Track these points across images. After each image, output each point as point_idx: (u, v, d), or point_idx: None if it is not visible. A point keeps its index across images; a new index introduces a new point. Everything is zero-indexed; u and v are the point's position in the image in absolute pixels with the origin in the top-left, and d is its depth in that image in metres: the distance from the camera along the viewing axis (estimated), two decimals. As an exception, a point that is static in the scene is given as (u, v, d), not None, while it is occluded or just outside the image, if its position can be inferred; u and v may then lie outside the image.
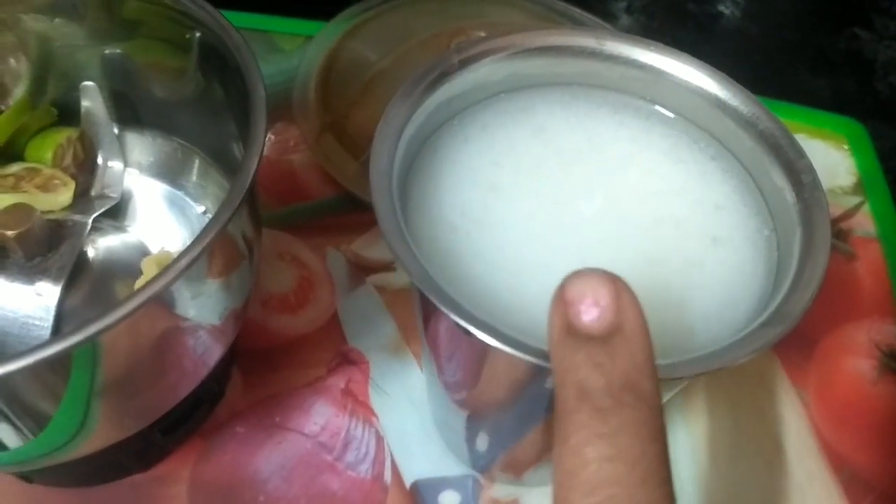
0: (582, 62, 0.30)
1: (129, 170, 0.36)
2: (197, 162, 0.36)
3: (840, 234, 0.44)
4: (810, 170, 0.27)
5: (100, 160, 0.35)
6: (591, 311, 0.20)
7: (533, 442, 0.31)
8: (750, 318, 0.25)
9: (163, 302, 0.25)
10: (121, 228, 0.35)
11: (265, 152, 0.44)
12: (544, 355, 0.22)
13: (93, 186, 0.35)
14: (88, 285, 0.32)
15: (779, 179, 0.27)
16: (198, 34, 0.31)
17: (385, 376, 0.38)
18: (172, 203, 0.36)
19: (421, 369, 0.38)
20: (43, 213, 0.32)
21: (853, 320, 0.41)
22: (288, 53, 0.49)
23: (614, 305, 0.20)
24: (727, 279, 0.27)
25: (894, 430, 0.38)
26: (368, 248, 0.42)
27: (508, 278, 0.26)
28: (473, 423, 0.32)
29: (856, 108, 0.51)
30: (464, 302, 0.23)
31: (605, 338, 0.20)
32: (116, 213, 0.36)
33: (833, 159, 0.48)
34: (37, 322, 0.30)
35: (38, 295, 0.31)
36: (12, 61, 0.35)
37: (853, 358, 0.40)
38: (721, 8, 0.56)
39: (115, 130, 0.36)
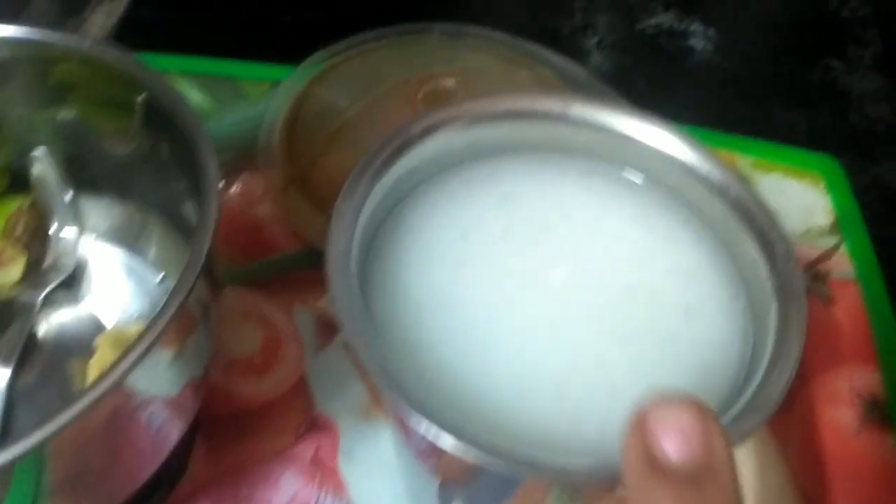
0: (548, 127, 0.29)
1: (85, 236, 0.35)
2: (154, 226, 0.35)
3: (818, 276, 0.44)
4: (784, 240, 0.26)
5: (53, 228, 0.34)
6: (678, 445, 0.18)
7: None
8: (726, 399, 0.24)
9: (115, 392, 0.24)
10: (75, 300, 0.34)
11: (231, 203, 0.43)
12: (513, 459, 0.21)
13: (46, 256, 0.34)
14: (40, 365, 0.31)
15: (752, 250, 0.26)
16: (140, 96, 0.29)
17: (356, 442, 0.37)
18: (130, 271, 0.35)
19: (393, 436, 0.37)
20: (-8, 290, 0.31)
21: (833, 368, 0.40)
22: (254, 100, 0.48)
23: (704, 441, 0.18)
24: (702, 354, 0.26)
25: (879, 484, 0.37)
26: (337, 304, 0.41)
27: (477, 362, 0.25)
28: (446, 491, 0.31)
29: (831, 141, 0.51)
30: (429, 391, 0.22)
31: (694, 478, 0.17)
32: (71, 283, 0.34)
33: (809, 198, 0.47)
34: None
35: None
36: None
37: (835, 408, 0.39)
38: (693, 42, 0.56)
39: (69, 196, 0.34)
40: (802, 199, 0.47)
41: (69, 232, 0.34)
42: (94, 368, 0.31)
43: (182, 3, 0.56)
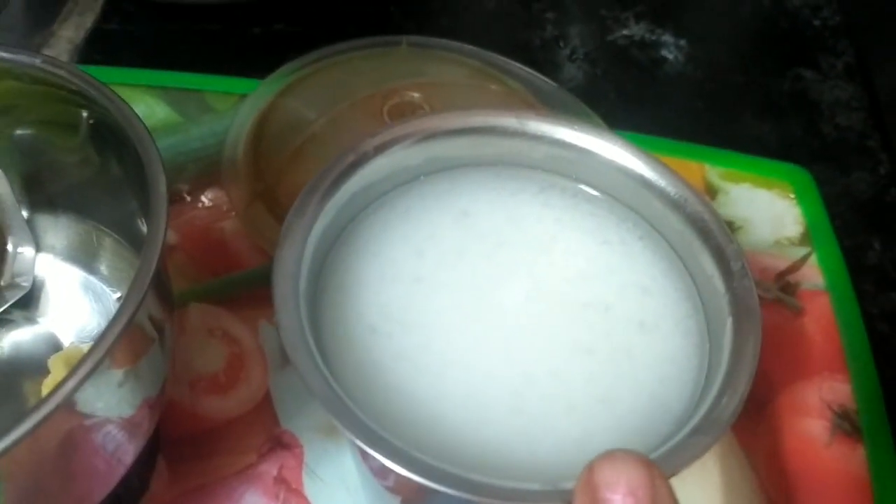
0: (505, 142, 0.29)
1: (42, 255, 0.35)
2: (110, 244, 0.34)
3: (787, 287, 0.43)
4: (739, 256, 0.26)
5: (9, 247, 0.34)
6: (627, 502, 0.18)
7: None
8: (682, 413, 0.24)
9: (63, 411, 0.23)
10: (31, 319, 0.33)
11: (195, 219, 0.43)
12: (464, 483, 0.21)
13: (2, 275, 0.33)
14: None
15: (708, 266, 0.26)
16: (85, 112, 0.29)
17: (320, 460, 0.36)
18: (87, 289, 0.34)
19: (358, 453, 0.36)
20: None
21: (803, 378, 0.40)
22: (221, 113, 0.48)
23: (652, 497, 0.18)
24: (658, 370, 0.26)
25: (849, 495, 0.37)
26: (303, 320, 0.40)
27: (433, 381, 0.25)
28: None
29: (802, 151, 0.51)
30: (382, 413, 0.22)
31: None
32: (28, 303, 0.34)
33: (779, 209, 0.47)
34: None
35: None
36: None
37: (804, 419, 0.39)
38: (665, 53, 0.56)
39: (25, 214, 0.34)
40: (772, 209, 0.47)
41: (25, 250, 0.34)
42: (46, 388, 0.30)
43: (151, 16, 0.56)
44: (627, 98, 0.53)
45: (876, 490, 0.36)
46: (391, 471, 0.27)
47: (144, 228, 0.30)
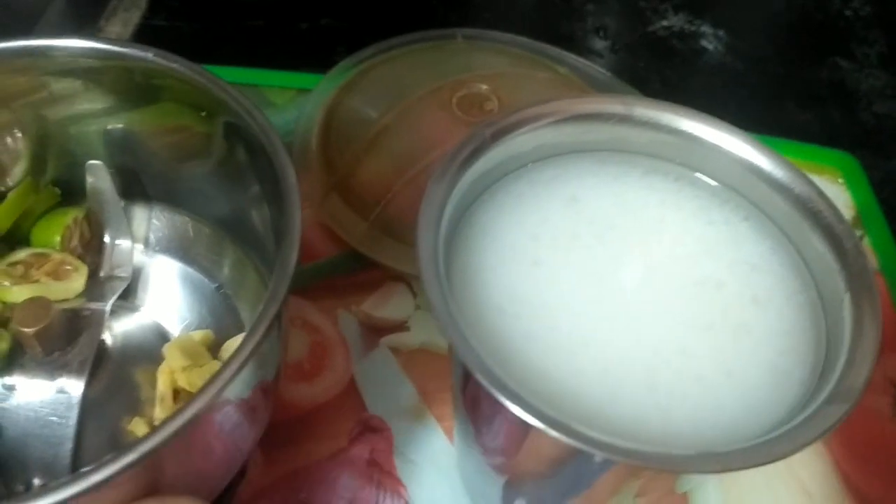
0: (611, 128, 0.30)
1: (139, 246, 0.35)
2: (207, 235, 0.35)
3: (843, 269, 0.45)
4: (851, 235, 0.27)
5: (107, 239, 0.34)
6: None
7: (571, 511, 0.31)
8: (805, 387, 0.25)
9: (215, 404, 0.24)
10: (134, 309, 0.34)
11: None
12: (612, 449, 0.22)
13: (101, 267, 0.34)
14: (108, 375, 0.31)
15: (819, 244, 0.27)
16: (223, 116, 0.30)
17: (409, 443, 0.37)
18: (184, 279, 0.35)
19: (444, 434, 0.37)
20: (57, 302, 0.31)
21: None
22: (280, 107, 0.49)
23: None
24: (776, 343, 0.27)
25: (916, 468, 0.38)
26: (379, 308, 0.41)
27: (566, 360, 0.26)
28: (510, 490, 0.32)
29: (844, 139, 0.52)
30: (521, 389, 0.23)
31: None
32: (127, 293, 0.34)
33: (830, 194, 0.48)
34: (59, 420, 0.29)
35: (60, 392, 0.29)
36: (9, 140, 0.33)
37: (869, 395, 0.40)
38: (705, 44, 0.57)
39: (122, 206, 0.35)
40: (822, 194, 0.48)
41: (123, 242, 0.34)
42: (163, 374, 0.31)
43: (196, 12, 0.56)
44: (670, 87, 0.55)
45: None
46: (508, 449, 0.28)
47: (254, 220, 0.31)
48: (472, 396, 0.28)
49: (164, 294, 0.35)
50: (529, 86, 0.46)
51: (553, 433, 0.22)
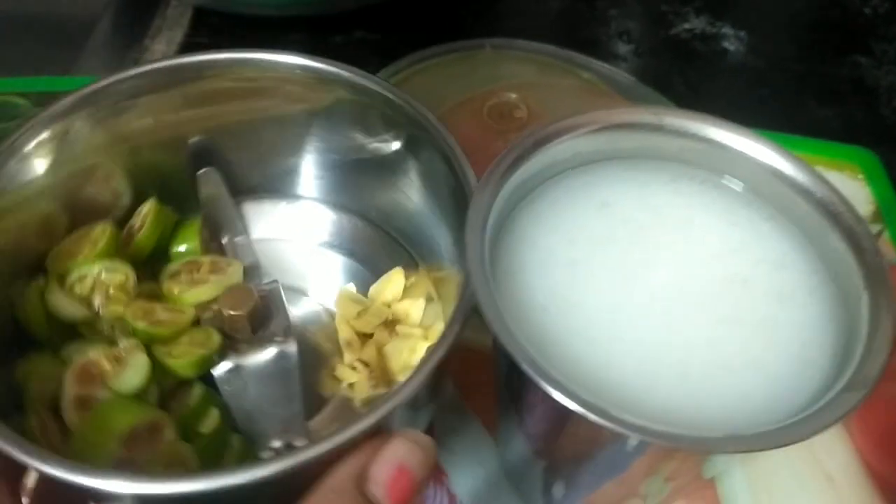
0: (642, 137, 0.32)
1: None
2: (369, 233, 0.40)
3: (864, 262, 0.46)
4: (870, 236, 0.29)
5: (225, 240, 0.37)
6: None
7: (609, 493, 0.33)
8: (827, 376, 0.27)
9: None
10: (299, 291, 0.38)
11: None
12: (643, 430, 0.24)
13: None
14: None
15: (838, 244, 0.29)
16: (409, 131, 0.35)
17: (448, 436, 0.39)
18: (345, 270, 0.39)
19: (482, 426, 0.39)
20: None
21: (887, 346, 0.43)
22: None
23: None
24: (800, 335, 0.29)
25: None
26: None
27: (603, 354, 0.28)
28: (551, 473, 0.34)
29: (864, 135, 0.53)
30: (563, 379, 0.25)
31: None
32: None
33: (850, 190, 0.50)
34: (286, 382, 0.32)
35: (279, 357, 0.32)
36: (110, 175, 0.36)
37: (890, 383, 0.42)
38: (726, 45, 0.59)
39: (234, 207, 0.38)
40: (843, 190, 0.49)
41: (241, 239, 0.37)
42: (341, 324, 0.35)
43: (237, 28, 0.59)
44: (694, 89, 0.56)
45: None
46: (551, 434, 0.31)
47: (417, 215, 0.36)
48: (516, 387, 0.30)
49: (324, 280, 0.38)
50: (557, 93, 0.48)
51: (592, 417, 0.24)
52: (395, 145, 0.36)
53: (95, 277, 0.32)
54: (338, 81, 0.35)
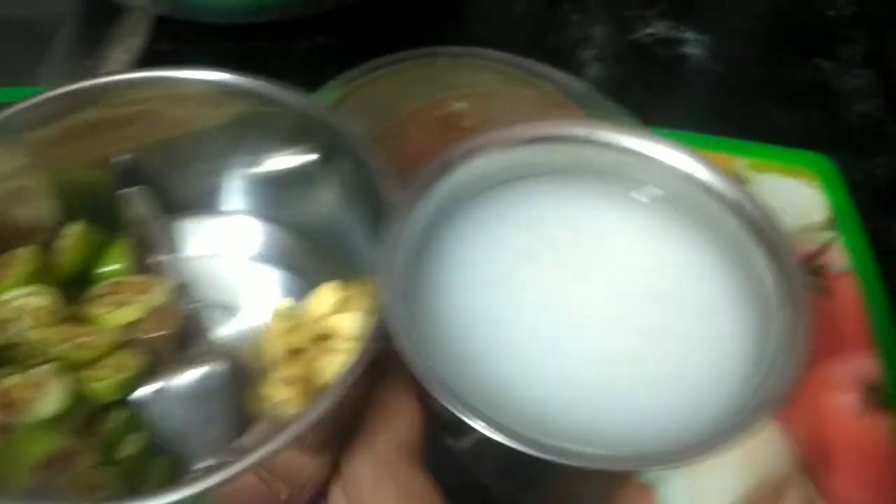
0: (572, 149, 0.32)
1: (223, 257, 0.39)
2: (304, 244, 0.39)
3: (815, 270, 0.46)
4: (793, 254, 0.29)
5: (154, 259, 0.37)
6: None
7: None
8: (742, 391, 0.27)
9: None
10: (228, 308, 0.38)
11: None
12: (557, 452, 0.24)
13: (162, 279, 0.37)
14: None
15: (762, 261, 0.29)
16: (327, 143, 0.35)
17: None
18: (277, 282, 0.39)
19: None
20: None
21: (833, 356, 0.43)
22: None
23: None
24: (718, 349, 0.29)
25: (880, 464, 0.40)
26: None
27: (525, 370, 0.28)
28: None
29: (825, 140, 0.53)
30: (480, 399, 0.25)
31: None
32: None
33: (805, 196, 0.50)
34: (214, 400, 0.33)
35: (206, 377, 0.33)
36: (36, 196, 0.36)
37: (836, 394, 0.42)
38: (688, 49, 0.58)
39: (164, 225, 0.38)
40: (798, 197, 0.50)
41: (170, 257, 0.38)
42: (271, 339, 0.35)
43: (199, 36, 0.59)
44: (654, 95, 0.56)
45: (907, 456, 0.39)
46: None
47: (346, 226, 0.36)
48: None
49: (257, 295, 0.38)
50: (511, 103, 0.48)
51: (496, 437, 0.24)
52: (316, 157, 0.36)
53: (19, 302, 0.33)
54: (250, 94, 0.36)
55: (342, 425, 0.30)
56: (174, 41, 0.59)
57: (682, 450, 0.25)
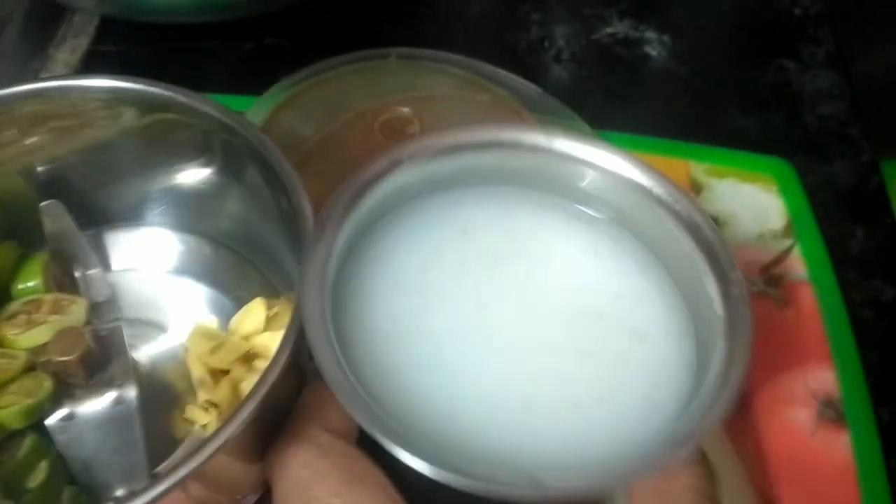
0: (520, 157, 0.31)
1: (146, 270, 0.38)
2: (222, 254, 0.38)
3: (772, 279, 0.45)
4: (741, 283, 0.27)
5: (78, 273, 0.36)
6: None
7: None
8: (673, 417, 0.26)
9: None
10: (150, 325, 0.36)
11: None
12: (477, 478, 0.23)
13: (87, 296, 0.36)
14: (144, 382, 0.33)
15: (710, 287, 0.28)
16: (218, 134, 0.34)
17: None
18: (198, 294, 0.38)
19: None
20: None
21: (789, 369, 0.42)
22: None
23: None
24: (651, 374, 0.28)
25: (834, 481, 0.39)
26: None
27: (446, 386, 0.27)
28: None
29: (785, 142, 0.52)
30: (401, 413, 0.24)
31: None
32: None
33: (762, 202, 0.48)
34: (125, 429, 0.31)
35: (117, 403, 0.31)
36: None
37: (790, 408, 0.41)
38: (649, 50, 0.57)
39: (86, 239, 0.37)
40: (756, 202, 0.48)
41: (95, 272, 0.36)
42: (193, 361, 0.34)
43: (145, 36, 0.57)
44: (613, 97, 0.55)
45: (860, 474, 0.38)
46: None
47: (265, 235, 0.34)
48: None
49: (182, 311, 0.37)
50: (455, 108, 0.47)
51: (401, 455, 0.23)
52: (232, 167, 0.35)
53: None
54: (166, 102, 0.34)
55: (267, 430, 0.29)
56: (119, 42, 0.57)
57: (604, 476, 0.24)
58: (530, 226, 0.31)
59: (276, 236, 0.34)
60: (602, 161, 0.30)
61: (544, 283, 0.30)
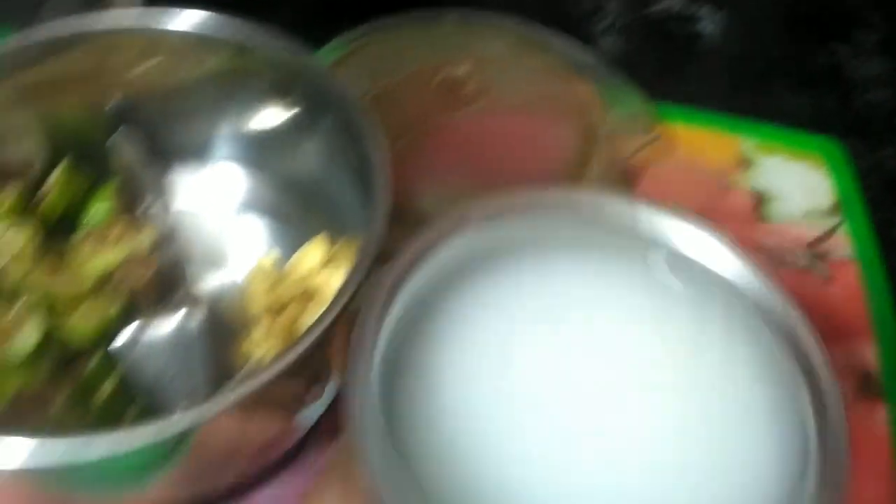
0: (596, 223, 0.28)
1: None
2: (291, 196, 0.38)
3: (818, 255, 0.45)
4: (834, 386, 0.26)
5: (145, 204, 0.37)
6: None
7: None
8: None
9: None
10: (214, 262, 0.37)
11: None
12: None
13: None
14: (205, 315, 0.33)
15: (799, 379, 0.26)
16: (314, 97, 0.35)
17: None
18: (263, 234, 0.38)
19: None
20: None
21: (830, 342, 0.42)
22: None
23: None
24: (748, 458, 0.25)
25: (872, 453, 0.39)
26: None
27: (521, 476, 0.24)
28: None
29: (836, 125, 0.52)
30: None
31: None
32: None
33: (812, 180, 0.49)
34: (190, 350, 0.32)
35: (182, 327, 0.32)
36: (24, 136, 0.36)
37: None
38: (700, 27, 0.57)
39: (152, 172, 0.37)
40: (805, 180, 0.49)
41: (159, 204, 0.37)
42: (252, 299, 0.34)
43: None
44: (665, 70, 0.55)
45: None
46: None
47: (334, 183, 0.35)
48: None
49: (244, 248, 0.38)
50: (512, 71, 0.47)
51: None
52: (304, 111, 0.36)
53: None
54: (242, 42, 0.35)
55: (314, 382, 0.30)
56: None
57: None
58: (619, 300, 0.28)
59: (343, 182, 0.34)
60: (684, 244, 0.28)
61: (629, 370, 0.26)
